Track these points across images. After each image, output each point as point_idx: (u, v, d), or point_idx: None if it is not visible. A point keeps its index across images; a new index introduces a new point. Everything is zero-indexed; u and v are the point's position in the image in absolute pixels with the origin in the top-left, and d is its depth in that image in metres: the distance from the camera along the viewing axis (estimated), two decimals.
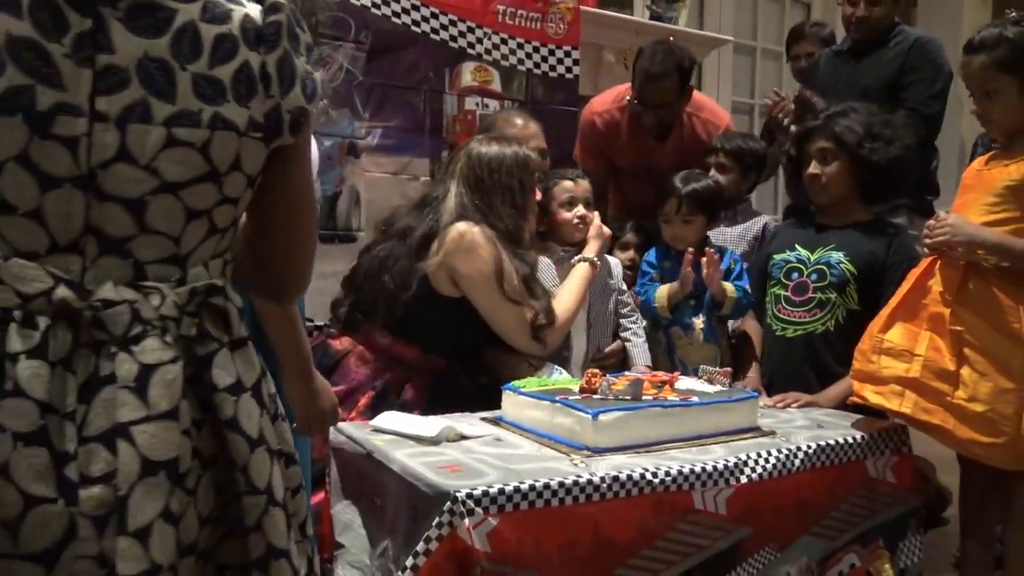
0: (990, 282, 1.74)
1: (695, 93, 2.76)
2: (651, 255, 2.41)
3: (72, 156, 0.73)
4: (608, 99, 2.87)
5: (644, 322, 2.34)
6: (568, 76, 3.32)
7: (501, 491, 1.35)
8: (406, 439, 1.62)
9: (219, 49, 0.78)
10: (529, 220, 2.10)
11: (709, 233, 2.41)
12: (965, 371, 1.72)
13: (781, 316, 2.22)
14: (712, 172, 2.56)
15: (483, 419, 1.83)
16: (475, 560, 1.30)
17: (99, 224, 0.75)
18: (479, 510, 1.32)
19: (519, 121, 2.46)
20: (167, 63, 0.76)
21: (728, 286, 2.24)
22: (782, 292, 2.23)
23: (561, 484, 1.40)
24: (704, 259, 2.19)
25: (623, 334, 2.32)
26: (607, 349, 2.27)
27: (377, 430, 1.68)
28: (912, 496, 1.86)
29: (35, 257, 0.73)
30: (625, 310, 2.33)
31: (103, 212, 0.75)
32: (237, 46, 0.80)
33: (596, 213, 2.27)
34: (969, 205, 1.82)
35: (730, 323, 2.39)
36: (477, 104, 3.13)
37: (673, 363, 2.28)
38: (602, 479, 1.44)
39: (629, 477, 1.47)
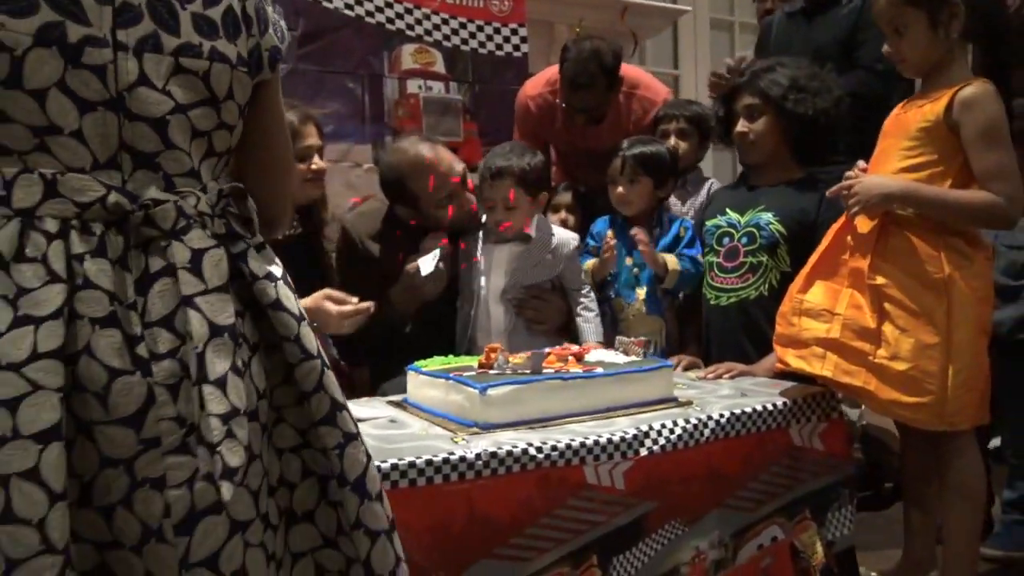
0: (909, 230, 1.64)
1: (629, 70, 2.67)
2: (599, 224, 2.33)
3: (102, 81, 0.85)
4: (540, 82, 2.79)
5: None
6: (516, 55, 3.24)
7: None
8: None
9: None
10: None
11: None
12: (887, 328, 1.62)
13: (714, 284, 2.13)
14: (672, 140, 2.47)
15: (389, 402, 1.77)
16: None
17: (131, 141, 0.87)
18: None
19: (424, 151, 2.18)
20: (171, 2, 0.88)
21: (671, 259, 2.15)
22: (714, 259, 2.14)
23: (429, 463, 1.33)
24: (636, 241, 2.11)
25: (576, 309, 2.22)
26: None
27: None
28: (843, 464, 1.77)
29: (82, 172, 0.85)
30: (579, 281, 2.22)
31: (134, 131, 0.87)
32: None
33: None
34: (887, 152, 1.72)
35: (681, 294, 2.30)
36: (420, 87, 3.06)
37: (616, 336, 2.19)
38: (477, 456, 1.37)
39: (509, 453, 1.39)
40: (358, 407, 1.69)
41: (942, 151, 1.64)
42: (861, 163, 1.74)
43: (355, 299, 1.88)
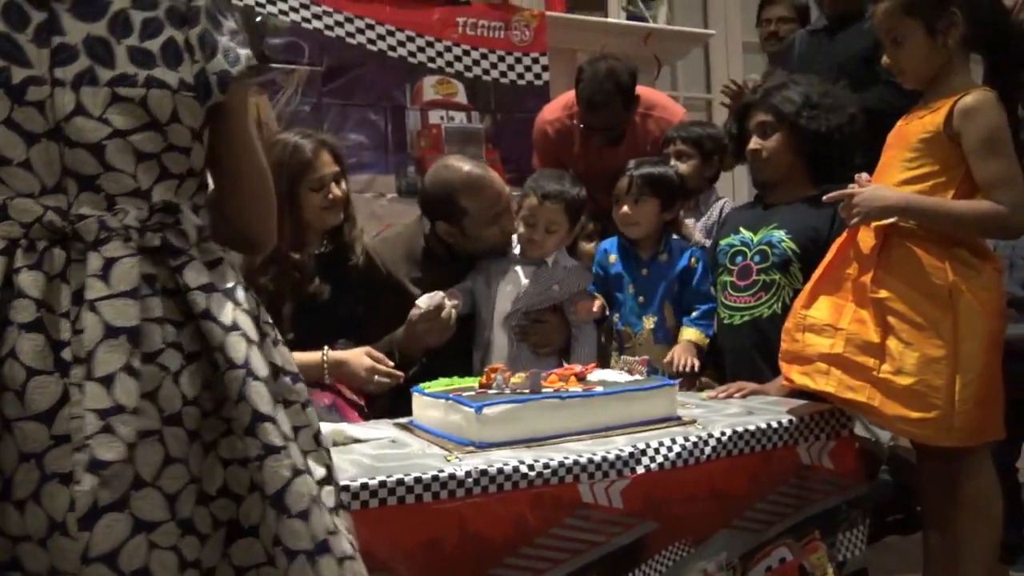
0: (912, 242, 1.61)
1: (646, 91, 2.70)
2: (600, 252, 2.32)
3: (42, 115, 0.95)
4: (558, 107, 2.83)
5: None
6: (537, 83, 3.29)
7: (345, 488, 1.29)
8: None
9: (147, 28, 1.00)
10: (294, 224, 1.99)
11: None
12: (891, 342, 1.59)
13: (728, 303, 2.11)
14: (672, 162, 2.47)
15: (395, 423, 1.79)
16: None
17: (73, 166, 0.96)
18: None
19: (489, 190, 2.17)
20: (106, 39, 0.98)
21: (695, 338, 2.13)
22: (728, 278, 2.12)
23: (418, 480, 1.34)
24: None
25: (574, 339, 2.23)
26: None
27: None
28: (854, 484, 1.72)
29: (30, 197, 0.95)
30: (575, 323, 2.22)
31: (74, 156, 0.96)
32: (162, 26, 1.01)
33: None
34: (889, 164, 1.70)
35: None
36: (442, 117, 3.13)
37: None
38: (467, 474, 1.37)
39: (500, 471, 1.40)
40: (364, 428, 1.71)
41: (944, 161, 1.61)
42: (864, 175, 1.72)
43: (391, 364, 1.95)
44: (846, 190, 1.68)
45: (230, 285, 1.01)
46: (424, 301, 1.96)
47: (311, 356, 1.94)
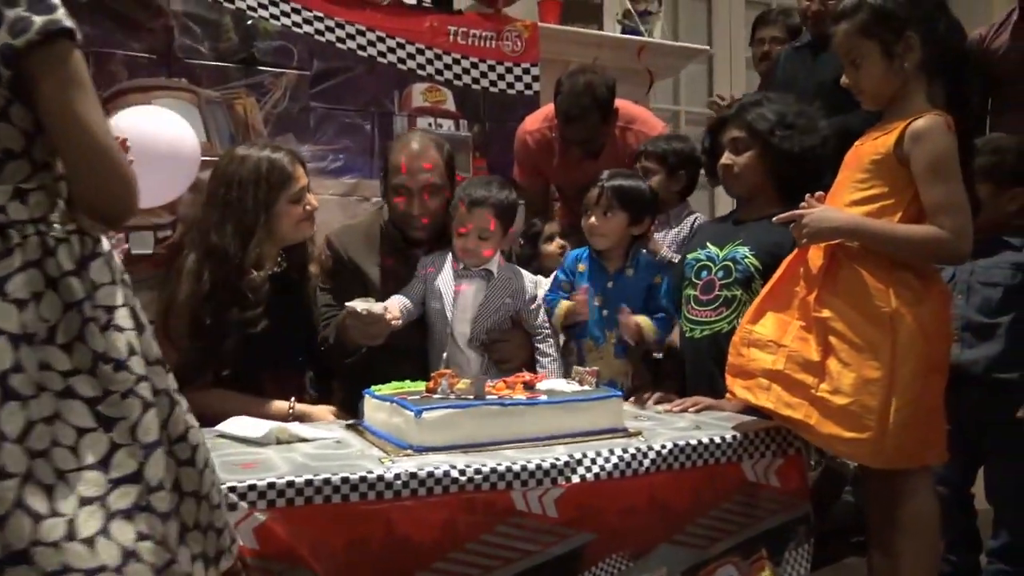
0: (858, 263, 1.61)
1: (626, 105, 2.71)
2: (570, 259, 2.33)
3: None
4: (539, 118, 2.85)
5: (557, 337, 2.25)
6: (528, 93, 3.29)
7: (271, 485, 1.31)
8: (236, 441, 1.61)
9: None
10: (267, 235, 2.03)
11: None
12: (830, 361, 1.59)
13: (690, 317, 2.11)
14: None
15: (346, 425, 1.81)
16: (239, 556, 1.26)
17: None
18: (244, 504, 1.28)
19: (415, 147, 2.31)
20: None
21: (644, 323, 2.13)
22: (692, 292, 2.12)
23: (345, 480, 1.36)
24: (620, 324, 2.10)
25: (536, 354, 2.23)
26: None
27: (221, 435, 1.67)
28: (799, 502, 1.72)
29: None
30: (537, 324, 2.22)
31: None
32: None
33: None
34: (843, 184, 1.71)
35: None
36: (430, 124, 3.13)
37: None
38: (396, 476, 1.39)
39: (430, 475, 1.41)
40: (312, 428, 1.73)
41: (893, 184, 1.61)
42: (819, 194, 1.73)
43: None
44: (796, 211, 1.68)
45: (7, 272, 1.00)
46: (359, 304, 1.97)
47: (278, 405, 1.98)
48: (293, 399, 2.01)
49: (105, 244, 1.10)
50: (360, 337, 2.02)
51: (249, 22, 2.83)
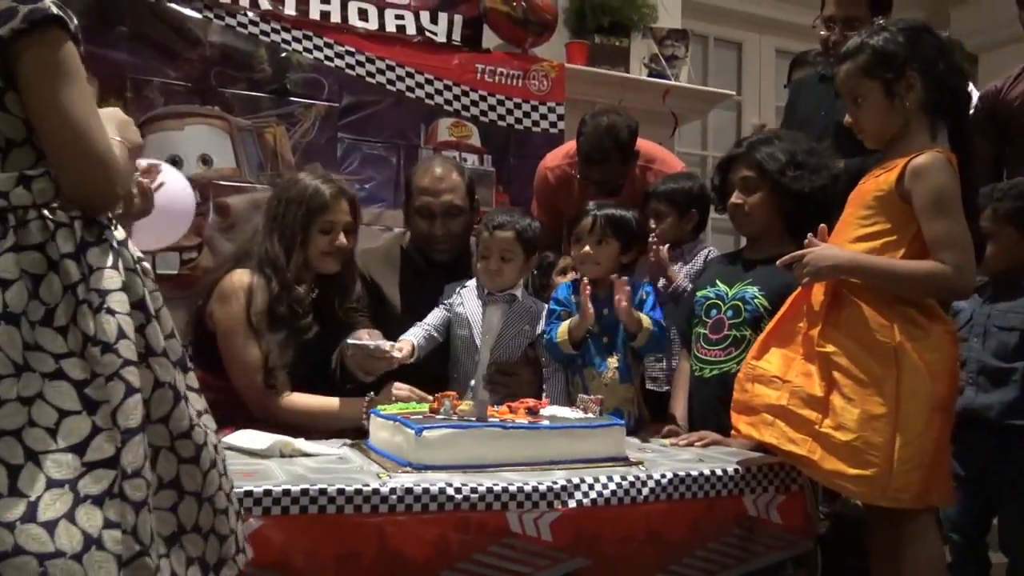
0: (862, 299, 1.61)
1: (646, 145, 2.74)
2: (560, 290, 2.31)
3: None
4: (560, 154, 2.89)
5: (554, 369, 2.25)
6: (552, 131, 3.35)
7: (267, 492, 1.33)
8: (240, 452, 1.63)
9: None
10: (303, 257, 2.08)
11: None
12: (834, 397, 1.58)
13: (700, 356, 2.11)
14: (651, 223, 2.49)
15: (350, 443, 1.82)
16: None
17: None
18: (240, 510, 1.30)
19: (438, 171, 2.40)
20: None
21: (644, 317, 2.13)
22: (702, 331, 2.12)
23: (341, 492, 1.37)
24: (615, 288, 2.11)
25: (543, 383, 2.24)
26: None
27: (227, 447, 1.70)
28: (800, 539, 1.70)
29: None
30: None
31: None
32: None
33: None
34: (846, 221, 1.72)
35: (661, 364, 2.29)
36: (455, 158, 3.20)
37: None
38: (392, 491, 1.40)
39: (426, 491, 1.43)
40: (317, 444, 1.75)
41: (895, 220, 1.62)
42: (822, 227, 1.74)
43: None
44: (798, 251, 1.69)
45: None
46: (363, 335, 2.00)
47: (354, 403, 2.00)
48: (371, 393, 2.03)
49: (119, 233, 1.12)
50: (357, 368, 2.03)
51: (283, 54, 2.94)
